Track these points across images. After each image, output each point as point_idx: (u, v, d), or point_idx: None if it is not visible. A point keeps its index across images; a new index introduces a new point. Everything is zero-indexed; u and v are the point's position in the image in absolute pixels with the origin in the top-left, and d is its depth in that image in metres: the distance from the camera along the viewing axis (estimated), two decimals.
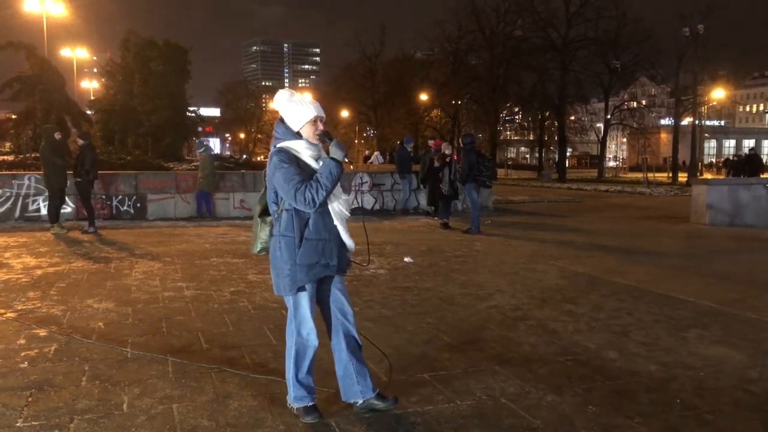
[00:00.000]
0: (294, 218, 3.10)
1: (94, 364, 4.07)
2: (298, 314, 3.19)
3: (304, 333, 3.19)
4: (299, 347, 3.21)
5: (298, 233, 3.10)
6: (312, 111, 3.15)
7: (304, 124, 3.15)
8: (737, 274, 7.49)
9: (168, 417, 3.28)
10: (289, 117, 3.18)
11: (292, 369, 3.22)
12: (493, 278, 7.08)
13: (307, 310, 3.19)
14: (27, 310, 5.41)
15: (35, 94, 32.51)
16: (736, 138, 73.98)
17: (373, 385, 3.31)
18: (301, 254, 3.10)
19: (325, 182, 3.02)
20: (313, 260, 3.11)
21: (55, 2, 32.71)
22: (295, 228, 3.10)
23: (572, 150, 64.15)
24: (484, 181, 11.23)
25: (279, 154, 3.11)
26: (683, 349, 4.52)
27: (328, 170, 3.04)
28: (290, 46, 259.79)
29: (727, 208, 13.03)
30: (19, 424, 3.18)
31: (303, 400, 3.24)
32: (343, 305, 3.28)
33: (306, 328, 3.19)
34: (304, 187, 3.01)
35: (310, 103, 3.18)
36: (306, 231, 3.11)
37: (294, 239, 3.10)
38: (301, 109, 3.15)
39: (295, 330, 3.20)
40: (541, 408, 3.44)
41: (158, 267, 7.56)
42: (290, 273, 3.12)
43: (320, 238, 3.12)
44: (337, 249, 3.20)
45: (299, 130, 3.16)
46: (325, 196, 3.03)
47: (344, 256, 3.27)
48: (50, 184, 10.49)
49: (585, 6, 39.81)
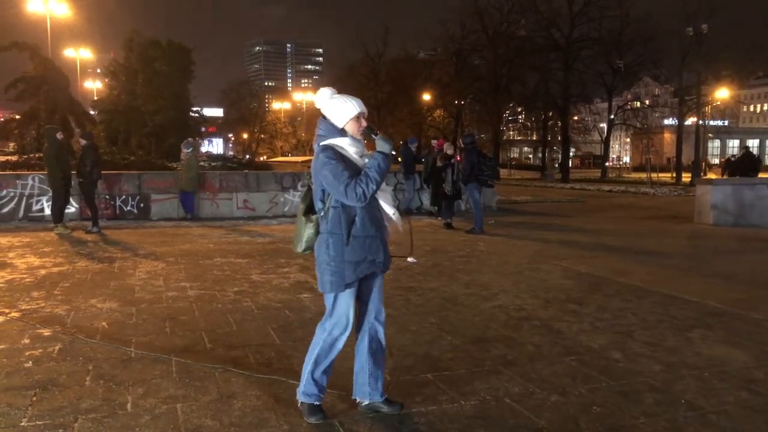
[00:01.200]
0: (342, 215, 3.11)
1: (98, 363, 4.08)
2: (335, 313, 3.19)
3: (335, 333, 3.20)
4: (325, 345, 3.22)
5: (345, 230, 3.11)
6: (355, 108, 3.18)
7: (348, 121, 3.18)
8: (741, 275, 7.47)
9: (172, 417, 3.28)
10: (332, 114, 3.20)
11: (310, 364, 3.24)
12: (497, 278, 7.07)
13: (347, 310, 3.19)
14: (31, 310, 5.42)
15: (39, 95, 32.59)
16: (740, 138, 73.67)
17: (382, 390, 3.33)
18: (349, 251, 3.10)
19: (375, 176, 3.04)
20: (360, 257, 3.12)
21: (59, 2, 32.81)
22: (343, 225, 3.11)
23: (575, 150, 64.08)
24: (486, 181, 11.21)
25: (325, 151, 3.12)
26: (688, 350, 4.50)
27: (377, 164, 3.06)
28: (293, 46, 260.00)
29: (731, 208, 12.99)
30: (24, 423, 3.18)
31: (311, 398, 3.25)
32: (379, 306, 3.29)
33: (339, 328, 3.20)
34: (354, 182, 3.02)
35: (352, 99, 3.22)
36: (353, 228, 3.11)
37: (342, 236, 3.11)
38: (345, 106, 3.18)
39: (328, 328, 3.21)
40: (545, 408, 3.44)
41: (162, 267, 7.57)
42: (338, 270, 3.11)
43: (367, 235, 3.13)
44: (384, 246, 3.21)
45: (343, 126, 3.18)
46: (375, 190, 3.06)
47: (388, 253, 3.26)
48: (54, 184, 10.50)
49: (588, 5, 39.74)
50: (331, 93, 3.26)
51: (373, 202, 3.14)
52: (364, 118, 3.21)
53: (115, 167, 18.11)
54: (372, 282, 3.25)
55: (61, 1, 33.08)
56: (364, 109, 3.20)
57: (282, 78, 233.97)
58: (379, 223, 3.19)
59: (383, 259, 3.21)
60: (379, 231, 3.19)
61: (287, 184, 14.18)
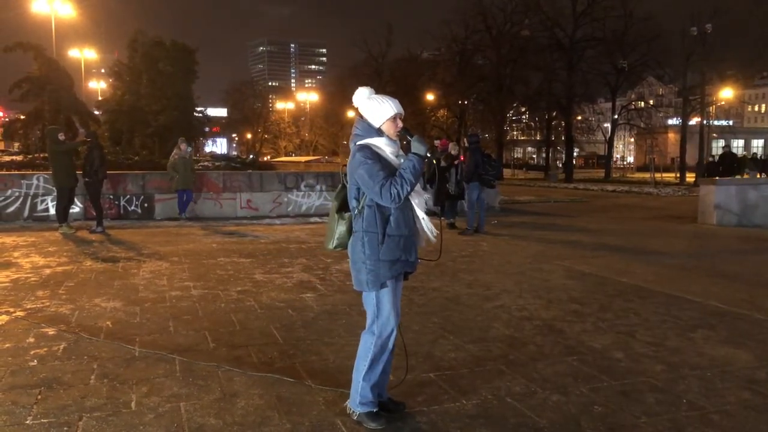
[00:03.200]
0: (377, 214, 3.13)
1: (103, 362, 4.10)
2: (382, 314, 3.19)
3: (385, 334, 3.19)
4: (378, 350, 3.20)
5: (381, 229, 3.13)
6: (392, 109, 3.19)
7: (385, 121, 3.19)
8: (744, 275, 7.46)
9: (175, 415, 3.30)
10: (369, 114, 3.21)
11: (364, 371, 3.20)
12: (500, 278, 7.08)
13: (391, 309, 3.20)
14: (36, 309, 5.45)
15: (43, 95, 32.68)
16: (744, 138, 73.50)
17: (386, 390, 3.35)
18: (384, 250, 3.13)
19: (410, 177, 3.05)
20: (395, 256, 3.14)
21: (63, 3, 32.94)
22: (378, 224, 3.13)
23: (579, 150, 64.02)
24: (490, 181, 11.21)
25: (362, 151, 3.14)
26: (690, 350, 4.51)
27: (412, 165, 3.07)
28: (297, 46, 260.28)
29: (734, 208, 12.97)
30: (29, 421, 3.21)
31: (368, 406, 3.23)
32: (398, 307, 3.30)
33: (389, 328, 3.21)
34: (389, 183, 3.04)
35: (389, 99, 3.23)
36: (387, 227, 3.14)
37: (377, 235, 3.13)
38: (382, 107, 3.20)
39: (378, 331, 3.19)
40: (546, 408, 3.45)
41: (165, 266, 7.60)
42: (374, 269, 3.14)
43: (401, 234, 3.15)
44: (415, 246, 3.24)
45: (380, 126, 3.20)
46: (409, 191, 3.08)
47: (417, 254, 3.28)
48: (59, 183, 10.55)
49: (592, 5, 39.67)
50: (369, 92, 3.28)
51: (406, 203, 3.16)
52: (401, 119, 3.22)
53: (119, 167, 18.18)
54: (398, 282, 3.27)
55: (66, 1, 33.21)
56: (401, 110, 3.22)
57: (285, 78, 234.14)
58: (412, 223, 3.22)
59: (414, 259, 3.24)
60: (412, 230, 3.22)
61: (290, 184, 14.22)
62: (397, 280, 3.24)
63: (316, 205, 14.32)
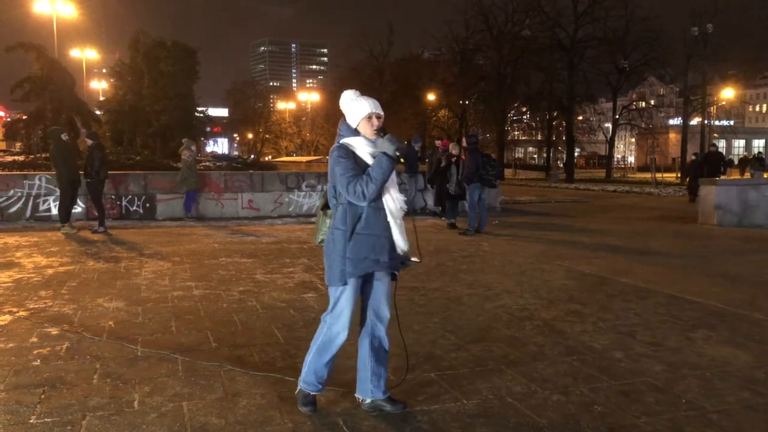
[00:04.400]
0: (348, 212, 3.19)
1: (105, 362, 4.13)
2: (336, 309, 3.26)
3: (335, 329, 3.26)
4: (325, 340, 3.29)
5: (350, 227, 3.18)
6: (366, 107, 3.24)
7: (360, 121, 3.24)
8: (745, 275, 7.47)
9: (178, 414, 3.32)
10: (348, 115, 3.29)
11: (312, 353, 3.34)
12: (501, 278, 7.10)
13: (346, 307, 3.24)
14: (39, 309, 5.48)
15: (45, 95, 32.74)
16: (745, 138, 73.49)
17: (385, 388, 3.37)
18: (351, 248, 3.17)
19: (375, 176, 3.08)
20: (362, 255, 3.17)
21: (65, 3, 32.99)
22: (348, 221, 3.18)
23: (580, 150, 63.99)
24: (491, 181, 11.23)
25: (338, 150, 3.22)
26: (690, 350, 4.53)
27: (378, 164, 3.11)
28: (298, 46, 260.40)
29: (735, 208, 12.98)
30: (33, 420, 3.23)
31: (308, 386, 3.35)
32: (380, 306, 3.32)
33: (338, 325, 3.25)
34: (356, 180, 3.10)
35: (366, 99, 3.28)
36: (358, 225, 3.17)
37: (345, 232, 3.18)
38: (358, 107, 3.25)
39: (328, 322, 3.28)
40: (547, 407, 3.47)
41: (167, 267, 7.63)
42: (340, 264, 3.19)
43: (371, 234, 3.18)
44: (390, 246, 3.24)
45: (356, 126, 3.26)
46: (375, 190, 3.10)
47: (397, 255, 3.28)
48: (62, 184, 10.58)
49: (593, 6, 39.68)
50: (353, 95, 3.32)
51: (379, 203, 3.19)
52: (378, 118, 3.25)
53: (121, 167, 18.20)
54: (377, 281, 3.29)
55: (67, 1, 33.26)
56: (377, 110, 3.25)
57: (287, 78, 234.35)
58: (386, 223, 3.23)
59: (388, 260, 3.23)
60: (386, 231, 3.22)
61: (292, 184, 14.24)
62: (373, 278, 3.27)
63: (317, 205, 14.25)
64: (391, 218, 3.22)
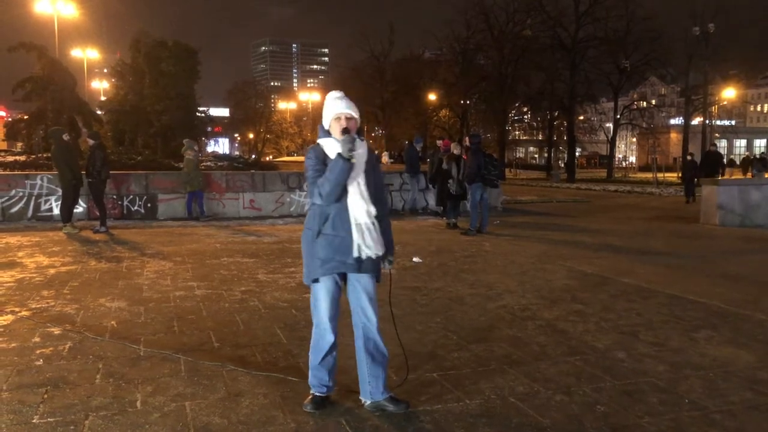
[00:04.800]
0: (317, 212, 3.23)
1: (108, 362, 4.13)
2: (314, 306, 3.33)
3: (318, 326, 3.33)
4: (316, 337, 3.36)
5: (317, 227, 3.22)
6: (336, 108, 3.25)
7: (330, 122, 3.27)
8: (747, 275, 7.46)
9: (181, 414, 3.32)
10: (323, 115, 3.32)
11: (310, 357, 3.41)
12: (502, 278, 7.09)
13: (323, 305, 3.28)
14: (41, 309, 5.48)
15: (46, 95, 32.78)
16: (747, 138, 73.42)
17: (383, 389, 3.36)
18: (318, 247, 3.21)
19: (329, 176, 3.11)
20: (328, 255, 3.20)
21: (66, 3, 33.01)
22: (316, 221, 3.22)
23: (581, 150, 63.91)
24: (493, 181, 11.22)
25: (310, 150, 3.28)
26: (693, 350, 4.52)
27: (331, 165, 3.13)
28: (299, 46, 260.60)
29: (737, 208, 12.97)
30: (36, 420, 3.23)
31: (313, 388, 3.41)
32: (364, 308, 3.31)
33: (320, 322, 3.31)
34: (315, 180, 3.15)
35: (337, 99, 3.29)
36: (325, 225, 3.20)
37: (313, 232, 3.24)
38: (329, 107, 3.28)
39: (315, 322, 3.35)
40: (550, 407, 3.46)
41: (169, 266, 7.63)
42: (308, 263, 3.28)
43: (337, 234, 3.19)
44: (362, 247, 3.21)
45: (328, 127, 3.28)
46: (330, 191, 3.11)
47: (373, 256, 3.24)
48: (64, 183, 10.59)
49: (595, 5, 39.64)
50: (333, 95, 3.34)
51: (345, 203, 3.20)
52: (347, 118, 3.23)
53: (122, 167, 18.21)
54: (355, 282, 3.29)
55: (68, 1, 33.29)
56: (345, 110, 3.25)
57: (288, 78, 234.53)
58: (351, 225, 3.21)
59: (354, 261, 3.20)
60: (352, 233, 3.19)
61: (293, 183, 14.24)
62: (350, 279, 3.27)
63: None
64: (352, 220, 3.18)
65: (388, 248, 3.34)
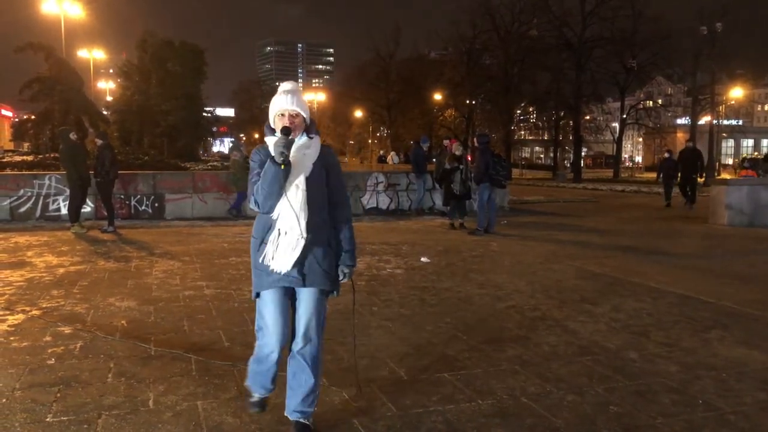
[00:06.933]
0: (261, 220, 2.96)
1: (119, 361, 4.14)
2: (259, 321, 3.04)
3: (261, 341, 3.05)
4: (258, 352, 3.09)
5: (260, 236, 2.95)
6: (280, 104, 2.88)
7: (274, 119, 2.90)
8: (757, 276, 7.42)
9: (193, 414, 3.33)
10: (269, 111, 2.97)
11: (251, 362, 3.16)
12: (511, 278, 7.07)
13: (268, 319, 2.97)
14: (51, 308, 5.50)
15: (53, 95, 32.90)
16: (754, 137, 73.10)
17: (292, 411, 3.07)
18: (259, 259, 2.94)
19: (262, 182, 2.76)
20: (268, 267, 2.90)
21: (72, 3, 33.12)
22: (260, 230, 2.95)
23: (587, 150, 63.76)
24: (500, 181, 11.20)
25: (255, 151, 2.96)
26: (704, 350, 4.50)
27: (265, 170, 2.76)
28: (304, 46, 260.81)
29: (746, 208, 12.89)
30: (49, 419, 3.24)
31: (254, 389, 3.16)
32: (298, 327, 3.00)
33: (264, 337, 3.01)
34: (252, 187, 2.84)
35: (283, 94, 2.90)
36: (267, 235, 2.91)
37: (258, 241, 2.97)
38: (274, 103, 2.92)
39: (258, 335, 3.07)
40: (562, 408, 3.45)
41: (178, 266, 7.64)
42: (254, 275, 3.00)
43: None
44: (300, 260, 2.87)
45: (273, 125, 2.92)
46: (264, 199, 2.78)
47: (320, 269, 2.92)
48: (72, 183, 10.63)
49: (601, 5, 39.54)
50: (284, 87, 2.97)
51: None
52: (291, 115, 2.86)
53: (129, 167, 18.24)
54: (300, 296, 2.99)
55: (75, 1, 33.41)
56: (290, 106, 2.86)
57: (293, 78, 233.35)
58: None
59: (299, 274, 2.89)
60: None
61: None
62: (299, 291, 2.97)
63: None
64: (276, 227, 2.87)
65: (343, 259, 3.03)
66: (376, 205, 14.88)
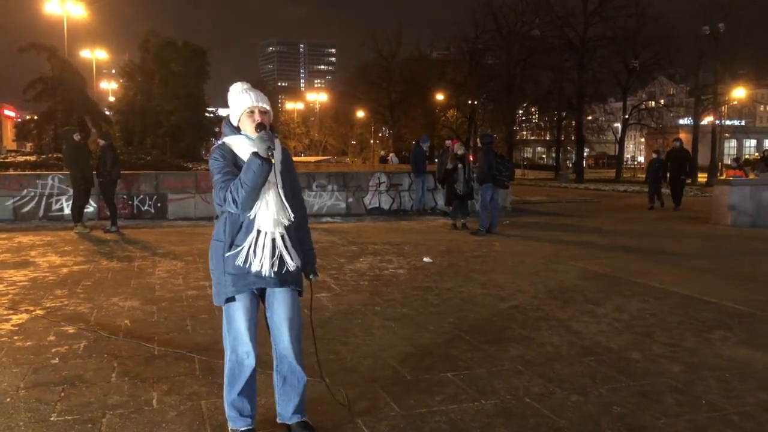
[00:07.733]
0: (227, 221, 2.85)
1: (123, 360, 4.15)
2: (231, 329, 2.91)
3: (239, 351, 2.92)
4: (233, 366, 2.96)
5: (229, 238, 2.83)
6: (247, 101, 2.83)
7: (240, 117, 2.85)
8: (760, 276, 7.41)
9: (197, 413, 3.33)
10: (231, 110, 2.91)
11: (225, 388, 3.01)
12: (514, 278, 7.07)
13: (241, 325, 2.89)
14: (55, 308, 5.51)
15: (56, 95, 33.05)
16: (757, 138, 72.97)
17: (293, 413, 3.05)
18: (229, 262, 2.82)
19: (245, 180, 2.67)
20: (242, 270, 2.80)
21: (75, 4, 33.20)
22: (227, 232, 2.84)
23: (589, 150, 63.74)
24: (503, 181, 11.20)
25: (216, 150, 2.87)
26: (708, 351, 4.49)
27: (247, 166, 2.69)
28: (306, 46, 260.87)
29: (749, 208, 12.87)
30: (54, 418, 3.25)
31: (236, 422, 3.01)
32: (282, 327, 2.94)
33: (242, 345, 2.91)
34: (227, 185, 2.73)
35: (248, 91, 2.87)
36: (238, 236, 2.82)
37: (224, 245, 2.84)
38: (238, 101, 2.86)
39: (229, 347, 2.95)
40: (566, 408, 3.45)
41: (181, 266, 7.66)
42: (218, 281, 2.88)
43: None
44: (284, 260, 2.85)
45: (237, 123, 2.87)
46: (246, 197, 2.69)
47: (295, 268, 2.89)
48: (75, 183, 10.65)
49: (603, 4, 39.49)
50: (238, 87, 2.92)
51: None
52: (261, 112, 2.83)
53: (132, 167, 18.28)
54: (272, 298, 2.94)
55: (78, 2, 33.48)
56: (260, 103, 2.84)
57: (295, 78, 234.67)
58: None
59: (275, 275, 2.83)
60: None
61: (302, 184, 14.24)
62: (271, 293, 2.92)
63: (327, 204, 14.39)
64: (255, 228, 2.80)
65: (309, 257, 3.05)
66: (379, 205, 14.89)
